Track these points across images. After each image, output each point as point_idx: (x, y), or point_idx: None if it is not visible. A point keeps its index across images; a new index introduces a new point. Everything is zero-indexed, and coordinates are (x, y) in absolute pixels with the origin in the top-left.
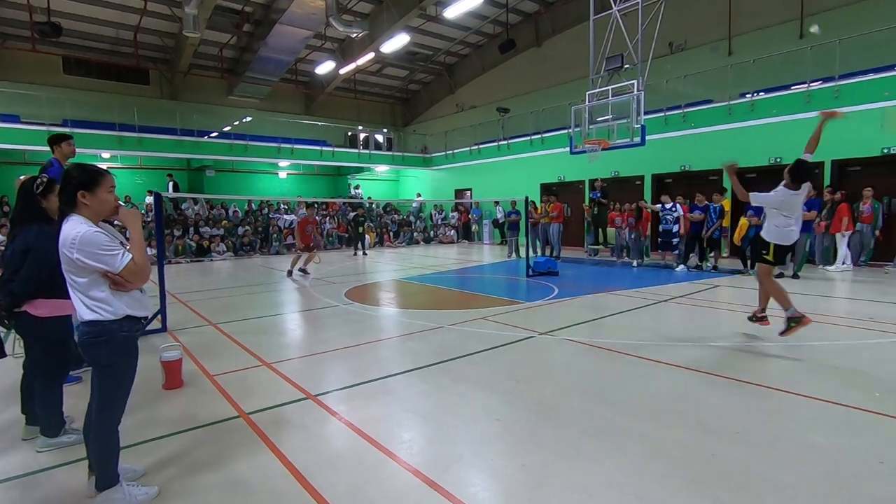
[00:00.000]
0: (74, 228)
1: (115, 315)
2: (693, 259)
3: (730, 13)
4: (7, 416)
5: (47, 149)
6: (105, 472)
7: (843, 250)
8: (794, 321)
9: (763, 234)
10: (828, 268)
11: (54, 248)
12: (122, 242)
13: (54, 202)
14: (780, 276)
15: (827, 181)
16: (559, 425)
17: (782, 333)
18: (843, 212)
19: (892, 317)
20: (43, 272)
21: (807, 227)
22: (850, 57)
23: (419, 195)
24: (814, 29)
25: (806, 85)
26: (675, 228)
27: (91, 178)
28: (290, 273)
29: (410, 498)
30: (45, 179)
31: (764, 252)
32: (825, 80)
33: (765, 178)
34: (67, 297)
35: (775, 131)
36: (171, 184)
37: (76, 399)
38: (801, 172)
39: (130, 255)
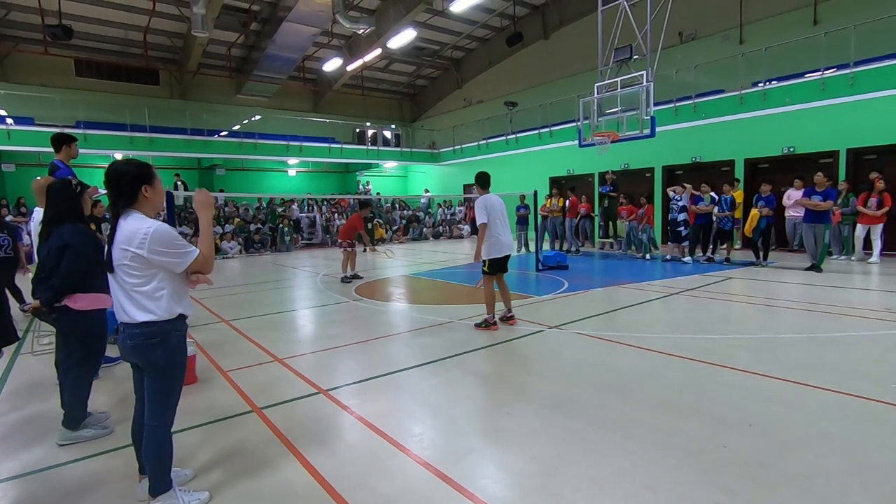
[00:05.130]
0: (144, 223)
1: (171, 314)
2: (702, 251)
3: (741, 0)
4: (27, 412)
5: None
6: (159, 476)
7: (879, 241)
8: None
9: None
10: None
11: (90, 244)
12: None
13: (88, 202)
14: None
15: (843, 170)
16: (570, 417)
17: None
18: (888, 201)
19: None
20: (80, 267)
21: (823, 217)
22: (866, 43)
23: (427, 191)
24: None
25: (820, 73)
26: (682, 217)
27: (149, 171)
28: (345, 279)
29: (421, 490)
30: (80, 181)
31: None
32: (840, 66)
33: (777, 168)
34: (103, 290)
35: (788, 120)
36: (179, 183)
37: (95, 393)
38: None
39: (197, 251)
